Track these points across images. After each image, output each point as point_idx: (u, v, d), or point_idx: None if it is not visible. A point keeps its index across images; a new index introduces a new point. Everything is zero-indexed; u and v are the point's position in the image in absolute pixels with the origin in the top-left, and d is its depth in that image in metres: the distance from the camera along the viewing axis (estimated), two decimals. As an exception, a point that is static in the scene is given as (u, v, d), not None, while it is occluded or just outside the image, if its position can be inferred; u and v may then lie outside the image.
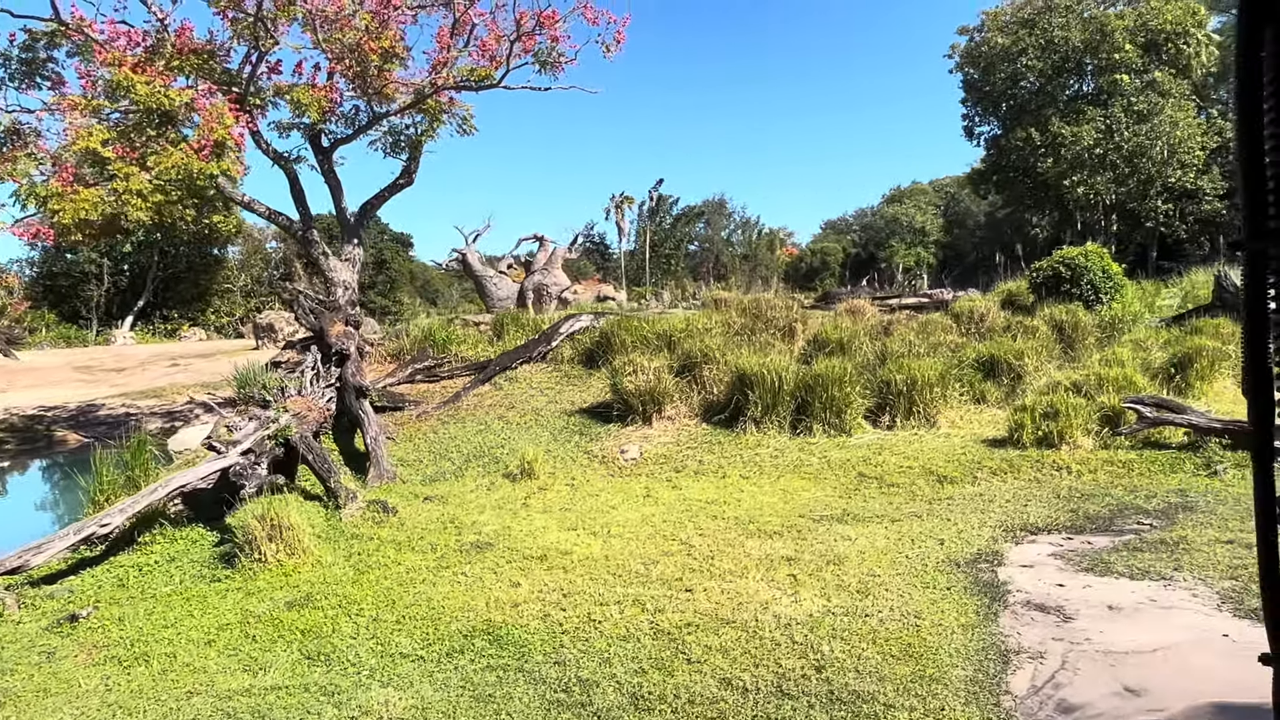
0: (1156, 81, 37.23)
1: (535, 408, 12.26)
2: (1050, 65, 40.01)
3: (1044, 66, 40.06)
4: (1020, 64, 40.42)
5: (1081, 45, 38.97)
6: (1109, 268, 14.51)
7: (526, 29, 12.68)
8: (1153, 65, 38.36)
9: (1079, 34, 38.88)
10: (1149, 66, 38.31)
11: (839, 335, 12.25)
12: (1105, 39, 38.24)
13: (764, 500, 8.31)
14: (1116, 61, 38.26)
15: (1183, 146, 37.34)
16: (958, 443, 9.76)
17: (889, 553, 6.46)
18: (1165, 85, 37.58)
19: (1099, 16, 38.75)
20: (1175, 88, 37.88)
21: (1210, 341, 11.88)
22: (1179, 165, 37.81)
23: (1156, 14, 38.21)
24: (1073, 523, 7.11)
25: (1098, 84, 39.80)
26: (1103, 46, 38.43)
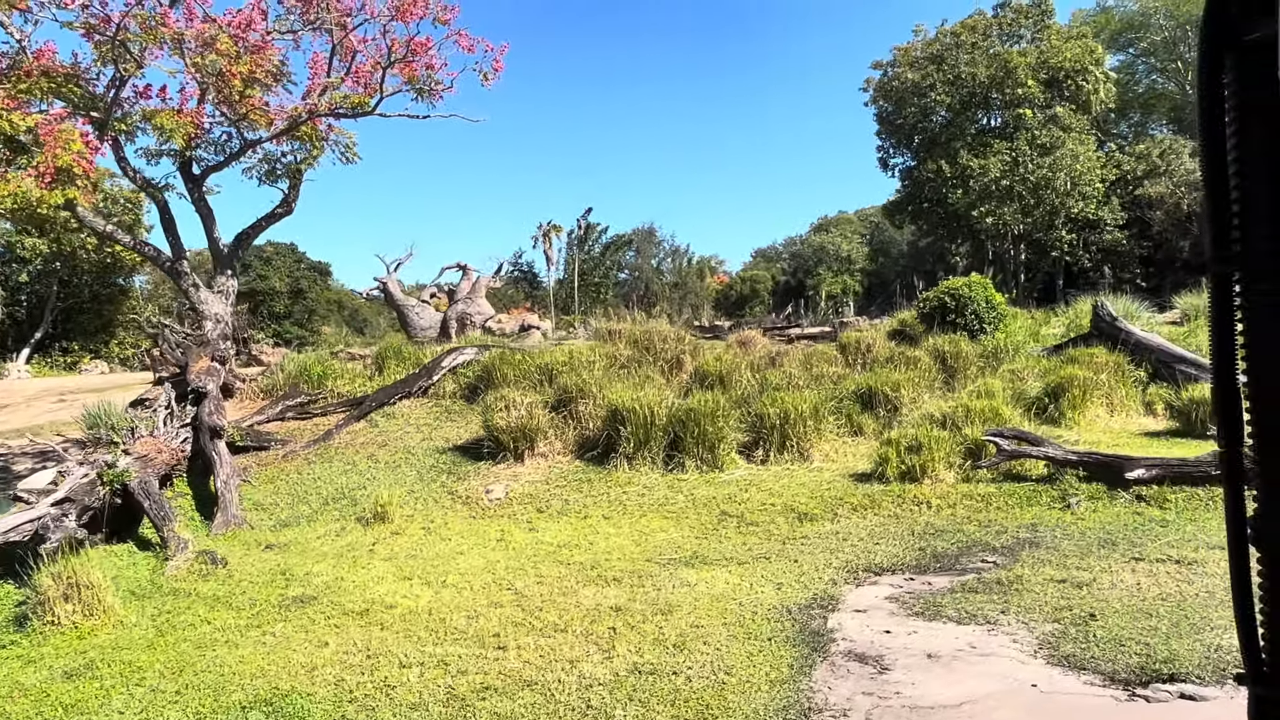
0: (1058, 116, 38.59)
1: (408, 446, 11.79)
2: (958, 100, 41.21)
3: (952, 101, 41.24)
4: (930, 98, 41.54)
5: (987, 81, 40.22)
6: (992, 298, 14.70)
7: (398, 56, 12.36)
8: (1054, 101, 39.80)
9: (985, 70, 40.14)
10: (1051, 102, 39.73)
11: (719, 368, 12.08)
12: (1009, 75, 39.55)
13: (617, 543, 8.00)
14: (1020, 97, 39.59)
15: (1083, 179, 38.69)
16: (827, 477, 9.61)
17: (723, 599, 6.19)
18: (1066, 120, 38.99)
19: (1003, 53, 40.09)
20: (1075, 122, 39.32)
21: (1082, 371, 12.02)
22: (1080, 197, 39.14)
23: (1057, 52, 39.69)
24: (919, 562, 6.95)
25: (1004, 118, 41.09)
26: (1007, 82, 39.73)
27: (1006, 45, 41.24)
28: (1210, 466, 8.02)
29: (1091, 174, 38.76)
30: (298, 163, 14.40)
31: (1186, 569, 6.09)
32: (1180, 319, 18.97)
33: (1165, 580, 5.90)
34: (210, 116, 13.33)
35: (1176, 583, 5.84)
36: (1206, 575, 5.91)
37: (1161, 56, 46.73)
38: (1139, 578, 6.00)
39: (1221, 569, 5.97)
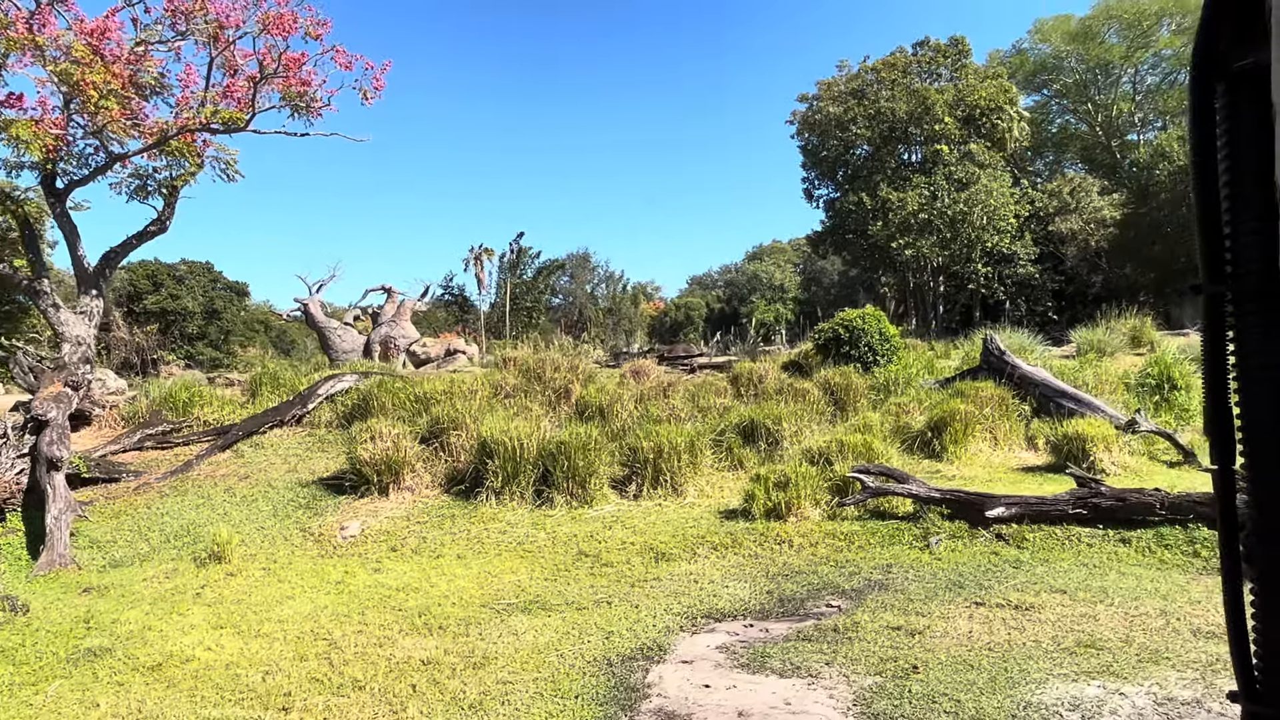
0: (973, 153, 39.52)
1: (270, 479, 11.17)
2: (879, 134, 42.00)
3: (873, 135, 42.03)
4: (852, 132, 42.27)
5: (906, 116, 41.09)
6: (886, 330, 14.70)
7: (270, 70, 11.87)
8: (971, 138, 40.80)
9: (904, 106, 41.00)
10: (967, 139, 40.73)
11: (601, 399, 11.75)
12: (928, 111, 40.44)
13: (460, 585, 7.56)
14: (938, 133, 40.51)
15: (998, 214, 39.62)
16: (696, 514, 9.31)
17: (546, 651, 5.81)
18: (981, 156, 39.97)
19: (922, 90, 40.99)
20: (990, 159, 40.34)
21: (965, 405, 12.00)
22: (995, 231, 40.04)
23: (973, 90, 40.76)
24: (763, 606, 6.67)
25: (922, 153, 42.01)
26: (925, 118, 40.63)
27: (925, 82, 42.22)
28: (1068, 505, 7.95)
29: (1005, 209, 39.72)
30: (172, 179, 13.72)
31: (1023, 615, 5.91)
32: (1075, 352, 19.32)
33: (998, 628, 5.71)
34: (76, 128, 12.63)
35: (1009, 630, 5.64)
36: (1040, 622, 5.73)
37: (1074, 98, 48.42)
38: (974, 624, 5.80)
39: (1056, 615, 5.82)
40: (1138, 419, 11.30)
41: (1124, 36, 45.16)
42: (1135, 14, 43.85)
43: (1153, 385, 15.05)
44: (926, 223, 39.86)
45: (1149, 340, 19.55)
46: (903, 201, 39.71)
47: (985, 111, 40.88)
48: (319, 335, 29.29)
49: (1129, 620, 5.62)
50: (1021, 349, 16.99)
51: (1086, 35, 45.35)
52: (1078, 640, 5.31)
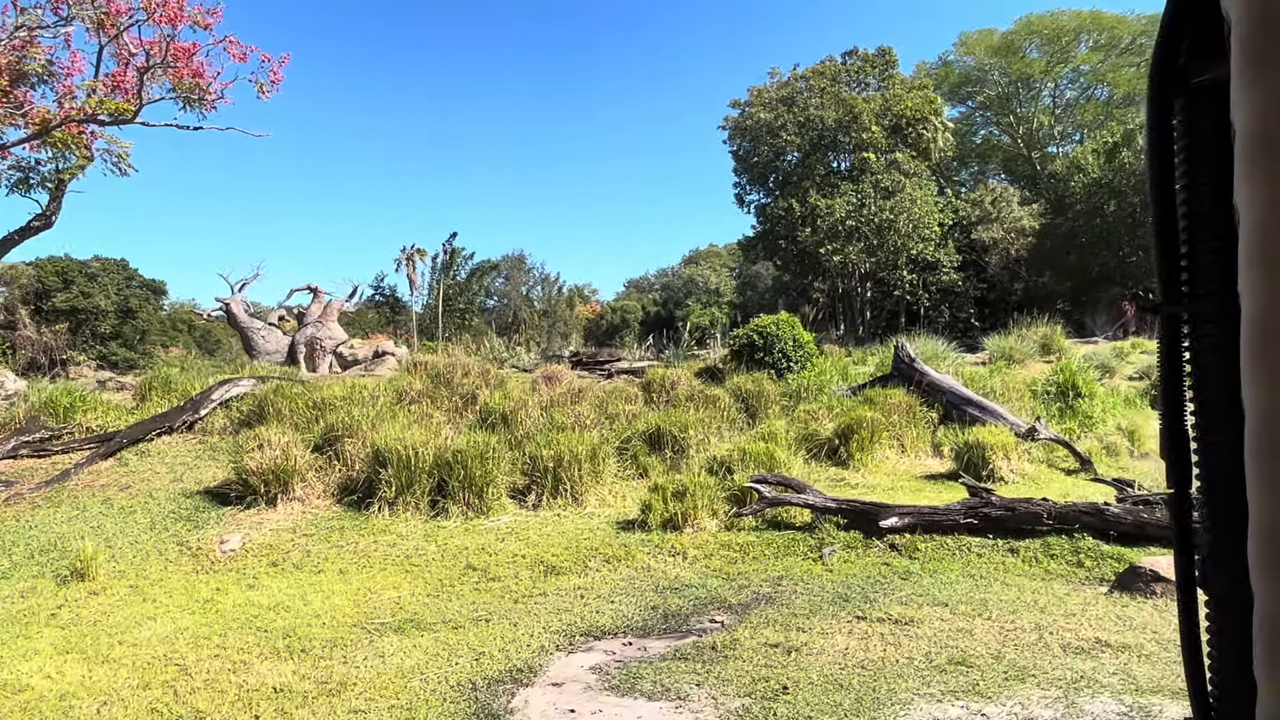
0: (898, 161, 40.19)
1: (153, 488, 10.61)
2: (808, 141, 42.44)
3: (802, 142, 42.45)
4: (782, 138, 42.64)
5: (834, 124, 41.59)
6: (800, 337, 14.72)
7: (157, 60, 11.31)
8: (897, 146, 41.50)
9: (832, 114, 41.49)
10: (893, 147, 41.42)
11: (506, 406, 11.46)
12: (855, 120, 41.00)
13: (335, 603, 7.21)
14: (865, 141, 41.09)
15: (922, 222, 40.36)
16: (595, 525, 9.10)
17: (410, 675, 5.52)
18: (907, 165, 40.68)
19: (850, 99, 41.56)
20: (915, 168, 41.09)
21: (871, 412, 12.04)
22: (920, 239, 40.79)
23: (899, 100, 41.47)
24: (646, 623, 6.48)
25: (850, 161, 42.59)
26: (853, 126, 41.18)
27: (854, 91, 42.83)
28: (959, 515, 7.96)
29: (930, 218, 40.47)
30: (59, 172, 13.00)
31: (901, 630, 5.83)
32: (988, 359, 19.68)
33: (875, 644, 5.61)
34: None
35: (885, 647, 5.55)
36: (917, 637, 5.66)
37: (996, 110, 49.66)
38: (851, 641, 5.70)
39: (934, 629, 5.75)
40: (1038, 427, 11.47)
41: (1044, 51, 46.50)
42: (1054, 30, 45.17)
43: (1057, 392, 15.36)
44: (854, 230, 40.39)
45: (1059, 348, 20.03)
46: (831, 208, 40.19)
47: (911, 121, 41.63)
48: (242, 336, 28.42)
49: (1003, 635, 5.58)
50: (934, 356, 17.21)
51: (1008, 49, 46.57)
52: (950, 657, 5.24)
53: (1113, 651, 5.13)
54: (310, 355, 28.16)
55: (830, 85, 42.67)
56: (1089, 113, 46.26)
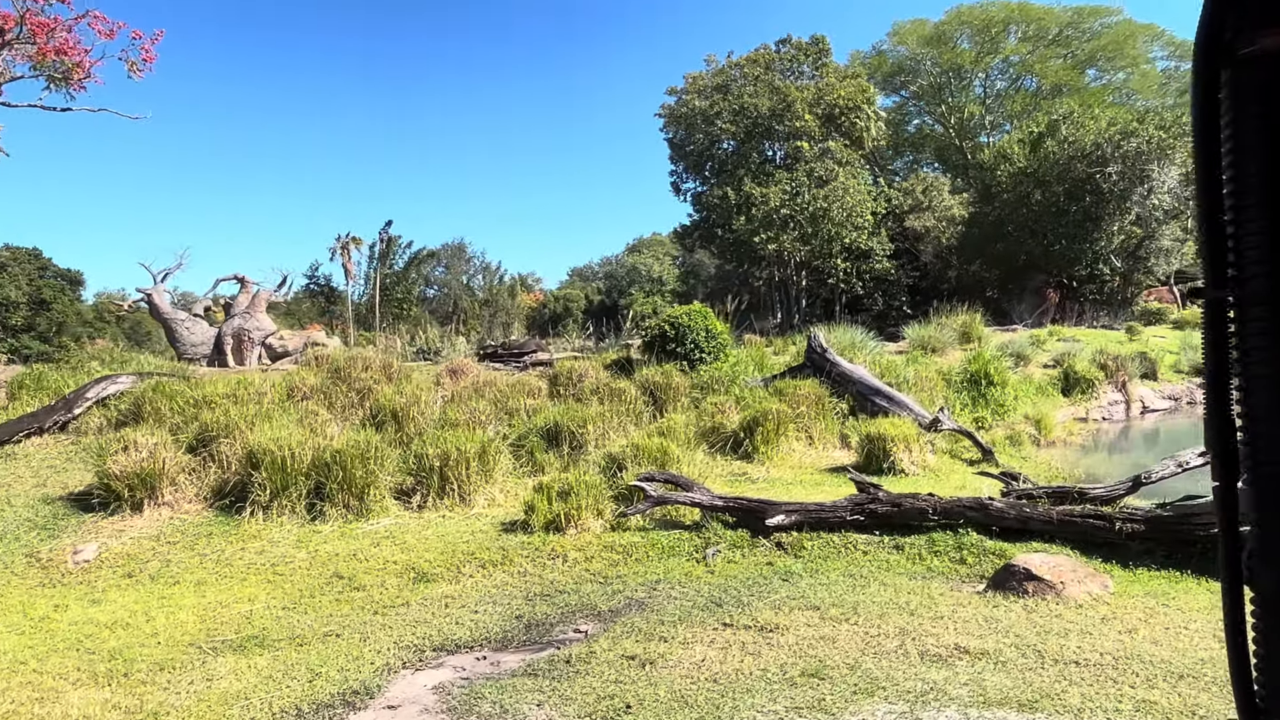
0: (831, 150, 40.28)
1: (12, 495, 9.92)
2: (743, 129, 42.30)
3: (737, 130, 42.30)
4: (717, 126, 42.46)
5: (769, 112, 41.52)
6: (712, 327, 14.47)
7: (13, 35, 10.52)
8: (830, 135, 41.60)
9: (766, 102, 41.41)
10: (827, 136, 41.51)
11: (396, 403, 10.99)
12: (789, 108, 40.98)
13: (180, 619, 6.73)
14: (799, 129, 41.11)
15: (855, 211, 40.54)
16: (479, 527, 8.72)
17: (234, 700, 5.09)
18: (840, 154, 40.80)
19: (783, 87, 41.51)
20: (848, 157, 41.24)
21: (779, 404, 11.84)
22: (853, 228, 40.98)
23: (832, 89, 41.55)
24: (506, 634, 6.13)
25: (785, 150, 42.58)
26: (787, 115, 41.15)
27: (788, 80, 42.78)
28: (846, 512, 7.76)
29: (863, 206, 40.67)
30: (-84, 156, 12.11)
31: (765, 638, 5.57)
32: (909, 348, 19.70)
33: (734, 654, 5.34)
34: None
35: (744, 657, 5.29)
36: (778, 646, 5.40)
37: (929, 100, 50.13)
38: (711, 651, 5.42)
39: (798, 637, 5.50)
40: (941, 418, 11.38)
41: (974, 42, 47.04)
42: (984, 21, 45.68)
43: (970, 381, 15.38)
44: (788, 218, 40.42)
45: (977, 336, 20.14)
46: (765, 197, 40.14)
47: (844, 110, 41.75)
48: (165, 328, 27.50)
49: (866, 641, 5.35)
50: (852, 345, 17.14)
51: (940, 39, 47.00)
52: (805, 668, 4.99)
53: (970, 659, 4.93)
54: (238, 347, 27.48)
55: (764, 73, 42.58)
56: (1018, 103, 46.97)
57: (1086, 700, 4.28)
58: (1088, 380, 16.98)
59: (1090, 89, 47.49)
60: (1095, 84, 48.44)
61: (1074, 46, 46.70)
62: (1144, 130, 30.80)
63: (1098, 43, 45.86)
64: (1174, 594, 5.94)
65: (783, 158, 42.73)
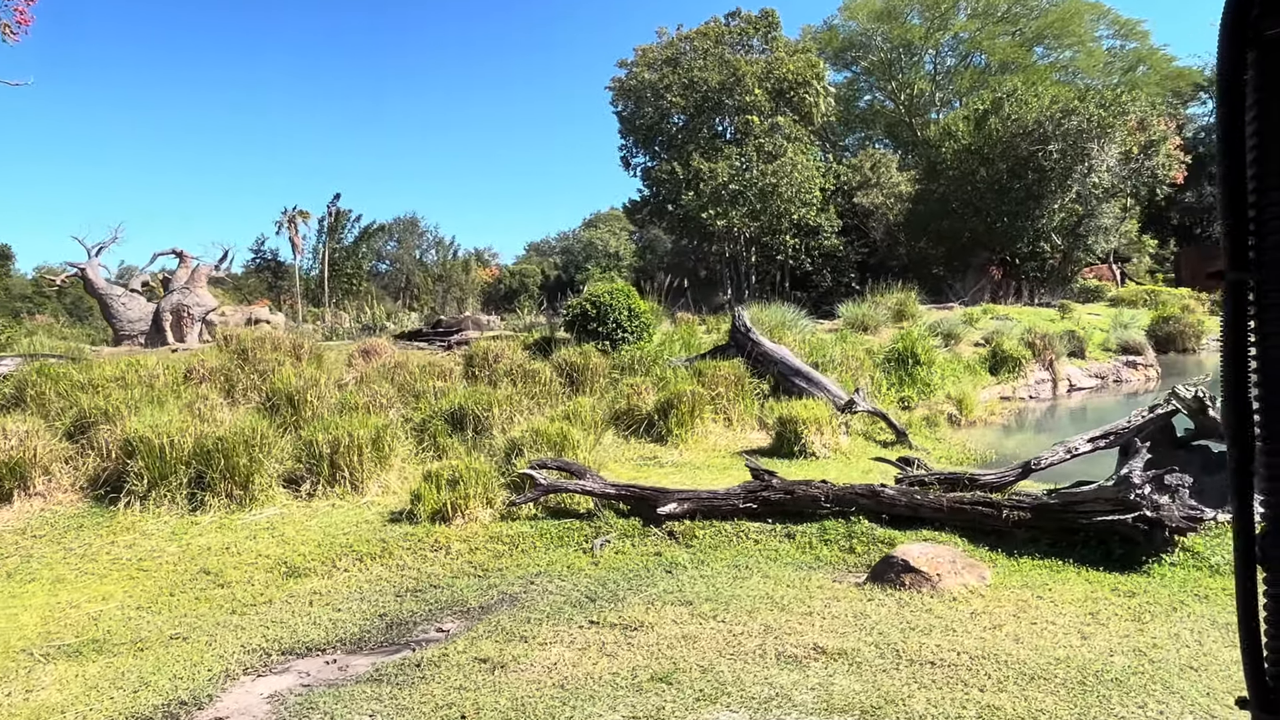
0: (780, 125, 40.02)
1: (-126, 485, 9.36)
2: (692, 103, 41.85)
3: (687, 104, 41.84)
4: (667, 100, 41.94)
5: (718, 86, 41.10)
6: (636, 306, 14.17)
7: None
8: (780, 110, 41.32)
9: (716, 75, 40.98)
10: (776, 111, 41.23)
11: (292, 386, 10.55)
12: (739, 82, 40.60)
13: (21, 621, 6.31)
14: (749, 104, 40.77)
15: (804, 187, 40.40)
16: (366, 516, 8.37)
17: (50, 714, 4.73)
18: (789, 129, 40.56)
19: (733, 61, 41.09)
20: (797, 132, 41.02)
21: (695, 385, 11.61)
22: (802, 204, 40.86)
23: (781, 64, 41.23)
24: (365, 634, 5.82)
25: (734, 124, 42.23)
26: (737, 89, 40.78)
27: (737, 53, 42.35)
28: (739, 499, 7.55)
29: (811, 182, 40.54)
30: None
31: (628, 637, 5.33)
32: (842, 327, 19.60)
33: (591, 656, 5.10)
34: None
35: (600, 659, 5.04)
36: (637, 647, 5.17)
37: (880, 76, 50.04)
38: (569, 652, 5.17)
39: (660, 636, 5.27)
40: (856, 399, 11.24)
41: (925, 18, 46.94)
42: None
43: (897, 361, 15.30)
44: (737, 194, 40.17)
45: (912, 314, 20.09)
46: (713, 172, 39.83)
47: (794, 85, 41.47)
48: (100, 304, 26.96)
49: (727, 641, 5.14)
50: (783, 324, 16.98)
51: (890, 15, 46.85)
52: (657, 672, 4.76)
53: (826, 660, 4.73)
54: (177, 324, 26.93)
55: (714, 47, 42.11)
56: (967, 80, 47.08)
57: (931, 705, 4.10)
58: (1015, 359, 17.01)
59: (1037, 67, 47.75)
60: (1042, 62, 48.70)
61: (1021, 24, 46.83)
62: (1084, 109, 30.96)
63: (1044, 20, 46.03)
64: (1051, 585, 5.81)
65: (732, 133, 42.40)
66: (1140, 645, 4.68)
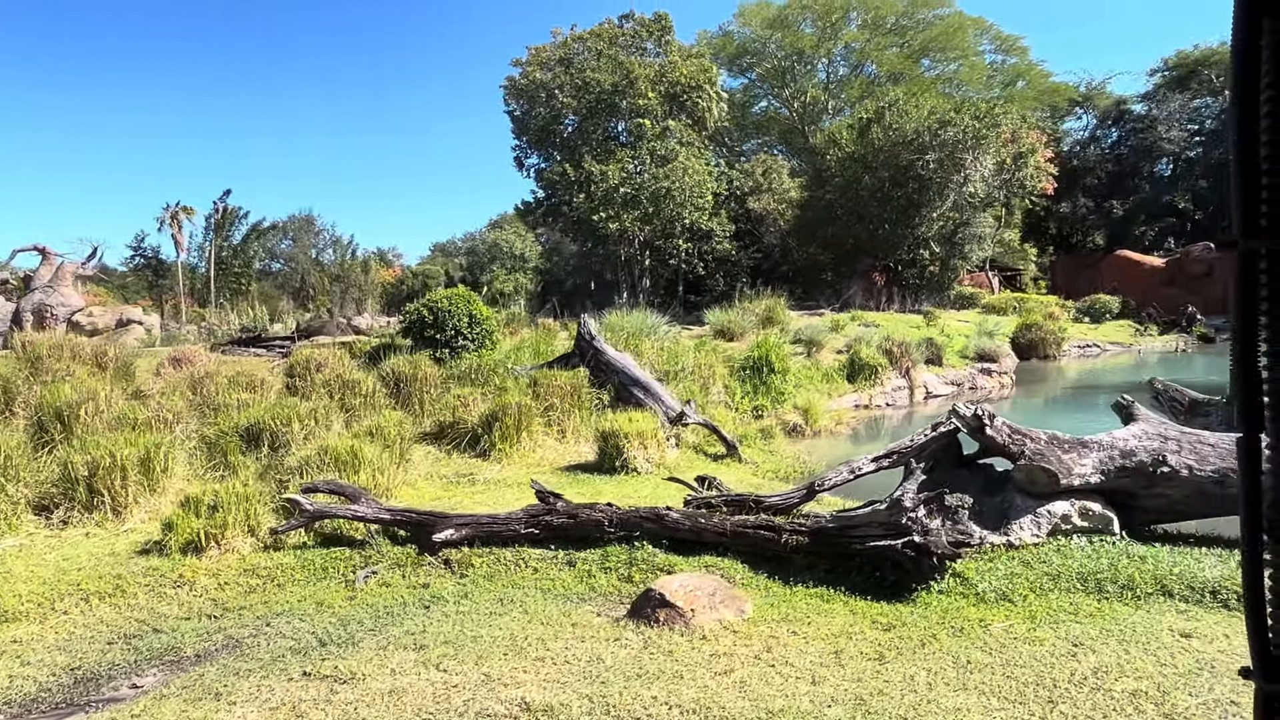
0: (670, 129, 39.90)
1: None
2: (585, 105, 41.40)
3: (579, 105, 41.36)
4: (559, 100, 41.38)
5: (611, 88, 40.74)
6: (477, 312, 13.55)
7: None
8: (672, 114, 41.21)
9: (609, 77, 40.61)
10: (669, 115, 41.10)
11: (64, 399, 9.57)
12: (631, 85, 40.32)
13: None
14: (641, 107, 40.53)
15: (696, 191, 40.36)
16: (114, 548, 7.46)
17: None
18: (680, 134, 40.49)
19: (626, 63, 40.79)
20: (689, 136, 40.98)
21: (521, 397, 11.08)
22: (695, 208, 40.83)
23: (674, 67, 41.15)
24: (41, 693, 5.07)
25: (627, 127, 41.94)
26: (629, 92, 40.49)
27: (631, 56, 42.09)
28: (520, 524, 7.03)
29: (703, 187, 40.55)
30: None
31: (331, 693, 4.73)
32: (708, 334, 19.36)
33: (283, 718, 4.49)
34: None
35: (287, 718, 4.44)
36: (333, 706, 4.56)
37: (775, 83, 50.54)
38: (257, 714, 4.54)
39: (368, 690, 4.69)
40: (687, 411, 10.89)
41: (816, 27, 47.57)
42: (826, 6, 46.23)
43: (752, 369, 15.08)
44: (630, 197, 39.88)
45: (779, 320, 20.00)
46: (605, 175, 39.44)
47: (687, 89, 41.44)
48: None
49: (436, 695, 4.60)
50: (642, 331, 16.62)
51: (783, 23, 47.35)
52: (335, 738, 4.19)
53: (530, 716, 4.24)
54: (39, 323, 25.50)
55: (608, 48, 41.77)
56: (857, 89, 47.91)
57: (609, 776, 3.64)
58: (872, 367, 17.03)
59: (924, 78, 48.98)
60: (930, 74, 49.98)
61: (909, 36, 47.97)
62: (960, 120, 31.73)
63: (930, 33, 47.27)
64: (812, 618, 5.46)
65: (626, 135, 42.12)
66: (866, 692, 4.34)
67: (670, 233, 41.79)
